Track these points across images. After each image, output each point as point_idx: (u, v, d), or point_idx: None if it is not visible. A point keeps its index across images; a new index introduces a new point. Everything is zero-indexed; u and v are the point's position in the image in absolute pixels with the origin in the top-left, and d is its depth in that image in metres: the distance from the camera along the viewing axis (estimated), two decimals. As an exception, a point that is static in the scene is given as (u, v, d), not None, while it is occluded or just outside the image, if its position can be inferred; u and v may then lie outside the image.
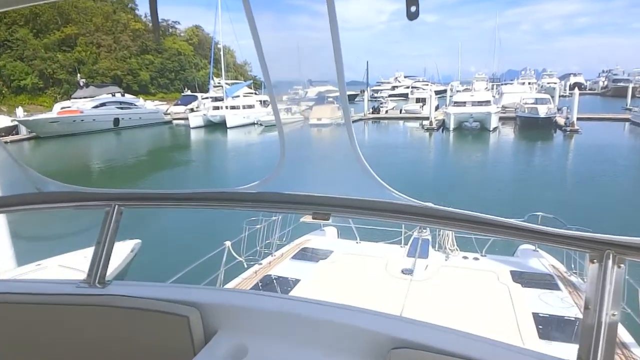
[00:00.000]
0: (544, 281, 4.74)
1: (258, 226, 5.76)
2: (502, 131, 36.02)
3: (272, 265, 5.51)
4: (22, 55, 56.96)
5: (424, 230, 6.09)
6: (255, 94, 56.72)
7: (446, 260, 5.39)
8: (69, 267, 6.13)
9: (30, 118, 37.02)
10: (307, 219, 6.42)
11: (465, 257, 5.48)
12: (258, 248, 5.71)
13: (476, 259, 5.47)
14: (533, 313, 3.85)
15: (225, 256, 5.08)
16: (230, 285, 4.97)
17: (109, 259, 1.46)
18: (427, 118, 38.69)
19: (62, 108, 40.02)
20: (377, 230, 6.36)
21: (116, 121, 42.93)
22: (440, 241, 5.63)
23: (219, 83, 51.15)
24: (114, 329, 1.33)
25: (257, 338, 1.27)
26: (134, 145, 36.25)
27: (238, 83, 55.76)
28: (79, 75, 52.81)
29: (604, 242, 1.11)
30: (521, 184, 17.86)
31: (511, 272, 4.86)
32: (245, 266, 5.35)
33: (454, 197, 14.84)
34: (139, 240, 7.59)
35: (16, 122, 35.95)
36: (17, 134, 35.69)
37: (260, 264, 5.56)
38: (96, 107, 41.29)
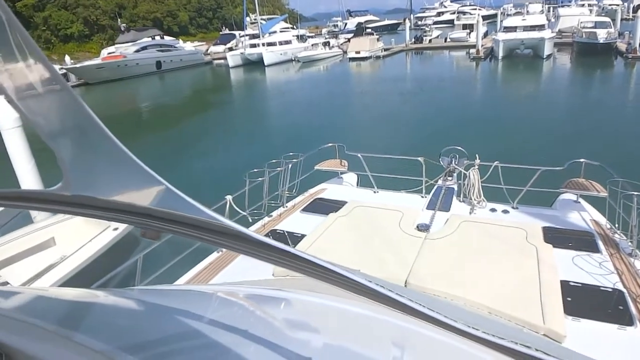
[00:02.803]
0: (581, 240, 4.12)
1: (261, 178, 5.36)
2: (557, 59, 33.30)
3: (281, 218, 5.17)
4: (65, 4, 57.74)
5: (450, 178, 5.58)
6: (293, 28, 55.13)
7: (470, 213, 4.86)
8: None
9: (78, 65, 38.29)
10: (322, 166, 6.43)
11: (493, 210, 4.92)
12: (265, 201, 5.33)
13: (505, 211, 4.88)
14: (562, 281, 3.27)
15: (228, 211, 4.70)
16: None
17: None
18: (473, 46, 36.30)
19: (108, 54, 41.04)
20: (396, 179, 6.02)
21: (158, 64, 43.54)
22: (466, 191, 5.08)
23: (254, 19, 49.97)
24: None
25: None
26: (176, 88, 36.91)
27: (274, 18, 54.22)
28: (119, 20, 53.25)
29: None
30: (574, 121, 16.38)
31: (544, 228, 4.21)
32: (250, 220, 5.02)
33: (497, 136, 14.07)
34: None
35: (64, 70, 37.26)
36: (67, 81, 37.06)
37: (271, 216, 5.24)
38: (138, 51, 41.90)
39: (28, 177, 7.62)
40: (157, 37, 46.46)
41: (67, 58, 40.59)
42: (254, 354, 0.96)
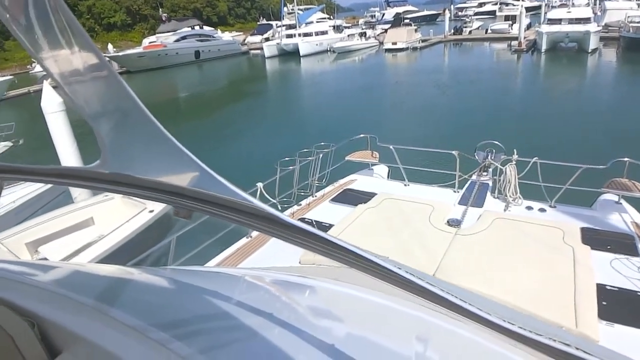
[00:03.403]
0: (621, 243, 3.91)
1: (292, 167, 5.37)
2: (603, 53, 31.68)
3: (310, 208, 5.19)
4: (108, -8, 59.75)
5: (485, 173, 5.43)
6: (330, 18, 54.83)
7: (505, 210, 4.70)
8: (132, 198, 6.39)
9: (120, 54, 39.63)
10: (353, 157, 6.36)
11: (529, 208, 4.75)
12: (294, 190, 5.35)
13: (542, 210, 4.70)
14: (598, 285, 3.16)
15: (258, 198, 4.80)
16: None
17: None
18: (515, 38, 35.09)
19: (149, 43, 42.21)
20: (429, 172, 5.90)
21: (197, 54, 44.41)
22: (501, 187, 4.93)
23: (292, 9, 50.01)
24: None
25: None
26: (213, 77, 37.54)
27: (311, 8, 54.06)
28: (160, 10, 54.57)
29: None
30: (618, 118, 15.45)
31: (582, 229, 4.08)
32: (280, 208, 4.96)
33: (537, 132, 13.51)
34: None
35: (107, 58, 38.49)
36: (110, 67, 38.43)
37: (300, 204, 5.26)
38: (177, 40, 42.88)
39: (69, 159, 7.96)
40: (197, 27, 47.36)
41: (109, 46, 42.09)
42: (277, 338, 0.98)
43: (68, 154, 8.09)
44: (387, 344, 1.14)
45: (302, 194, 5.50)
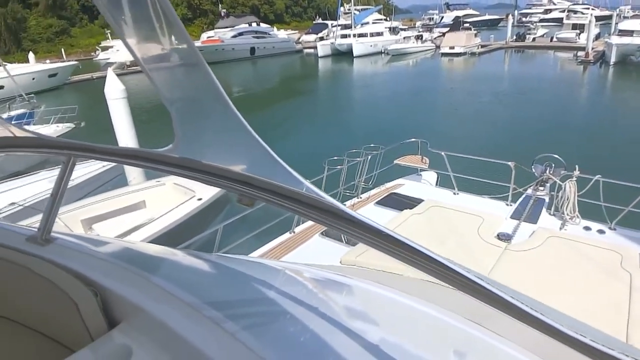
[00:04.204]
0: None
1: (339, 167, 5.33)
2: (681, 68, 29.30)
3: (355, 209, 4.94)
4: (170, -14, 62.43)
5: (541, 188, 5.15)
6: (386, 19, 54.35)
7: (561, 228, 4.45)
8: (182, 185, 6.95)
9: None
10: (402, 161, 6.19)
11: (587, 228, 4.50)
12: (340, 189, 5.32)
13: (601, 231, 4.44)
14: None
15: None
16: (304, 226, 4.59)
17: (57, 213, 1.39)
18: (582, 48, 33.15)
19: (207, 37, 43.64)
20: (480, 182, 5.65)
21: (252, 50, 45.43)
22: (558, 204, 4.69)
23: (348, 9, 49.99)
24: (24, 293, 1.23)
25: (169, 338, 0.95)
26: (266, 74, 38.24)
27: (368, 9, 53.81)
28: (220, 6, 56.33)
29: None
30: None
31: None
32: None
33: (601, 149, 12.74)
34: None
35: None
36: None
37: (344, 205, 5.24)
38: (234, 36, 44.06)
39: (128, 144, 8.35)
40: (254, 24, 48.47)
41: (149, 41, 43.88)
42: (311, 332, 0.99)
43: (127, 139, 8.50)
44: (422, 352, 1.12)
45: (348, 194, 5.48)
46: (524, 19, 67.84)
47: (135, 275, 1.14)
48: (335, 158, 5.43)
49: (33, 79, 26.15)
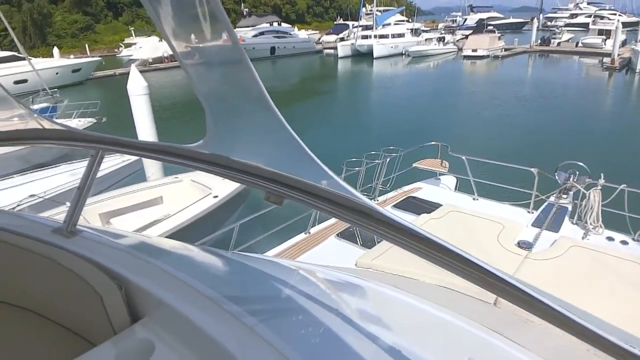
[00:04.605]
0: None
1: (357, 168, 5.27)
2: None
3: None
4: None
5: (564, 196, 5.05)
6: (408, 21, 53.96)
7: (583, 238, 4.36)
8: (199, 182, 7.01)
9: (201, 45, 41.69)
10: (421, 164, 6.10)
11: (610, 238, 4.39)
12: (358, 191, 5.41)
13: (624, 242, 4.33)
14: None
15: None
16: (320, 227, 4.59)
17: (83, 206, 1.39)
18: (608, 54, 32.29)
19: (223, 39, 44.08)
20: (501, 188, 5.56)
21: (272, 50, 45.64)
22: (582, 213, 4.59)
23: (370, 10, 49.80)
24: (50, 281, 1.23)
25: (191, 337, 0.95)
26: (286, 74, 38.32)
27: (390, 10, 53.52)
28: (242, 4, 56.78)
29: None
30: None
31: None
32: None
33: (626, 157, 12.33)
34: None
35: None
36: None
37: None
38: (255, 35, 44.34)
39: (148, 140, 8.43)
40: (275, 24, 48.67)
41: (192, 36, 44.41)
42: (328, 330, 0.99)
43: (148, 135, 8.59)
44: (438, 357, 1.12)
45: (365, 196, 5.39)
46: (549, 23, 66.48)
47: (158, 270, 1.15)
48: (354, 159, 5.41)
49: (57, 73, 26.71)
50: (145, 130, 8.62)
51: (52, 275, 1.19)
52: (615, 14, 53.80)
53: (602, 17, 51.66)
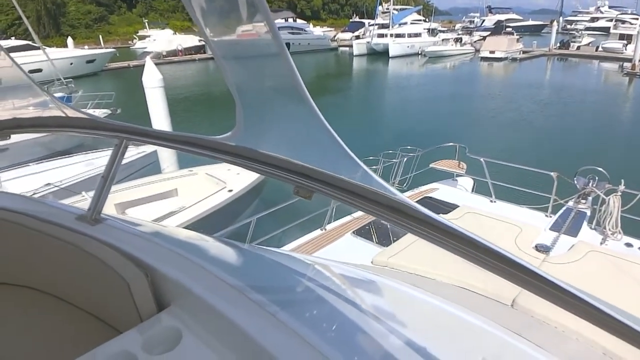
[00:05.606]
0: None
1: (374, 167, 5.24)
2: None
3: None
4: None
5: (583, 201, 5.02)
6: (425, 21, 53.52)
7: (601, 243, 4.35)
8: (214, 176, 7.01)
9: (215, 39, 41.83)
10: (438, 165, 6.03)
11: (628, 244, 4.38)
12: None
13: None
14: None
15: None
16: (336, 224, 4.59)
17: (108, 194, 1.39)
18: (629, 60, 31.59)
19: (242, 32, 44.16)
20: (519, 191, 5.52)
21: (287, 46, 45.22)
22: (600, 218, 4.57)
23: (387, 9, 49.50)
24: (74, 270, 1.23)
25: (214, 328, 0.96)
26: (300, 71, 38.06)
27: (407, 9, 53.13)
28: (258, -1, 56.97)
29: None
30: None
31: None
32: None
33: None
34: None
35: (203, 42, 40.80)
36: (204, 52, 40.53)
37: None
38: (270, 31, 44.38)
39: (163, 132, 8.48)
40: (290, 20, 48.63)
41: (207, 31, 44.60)
42: (347, 321, 1.00)
43: (162, 128, 8.63)
44: (451, 356, 1.13)
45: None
46: (568, 27, 65.52)
47: (182, 258, 1.14)
48: (371, 158, 5.35)
49: (71, 63, 26.92)
50: (161, 122, 8.66)
51: (78, 262, 1.19)
52: (637, 19, 52.71)
53: (623, 22, 50.61)
